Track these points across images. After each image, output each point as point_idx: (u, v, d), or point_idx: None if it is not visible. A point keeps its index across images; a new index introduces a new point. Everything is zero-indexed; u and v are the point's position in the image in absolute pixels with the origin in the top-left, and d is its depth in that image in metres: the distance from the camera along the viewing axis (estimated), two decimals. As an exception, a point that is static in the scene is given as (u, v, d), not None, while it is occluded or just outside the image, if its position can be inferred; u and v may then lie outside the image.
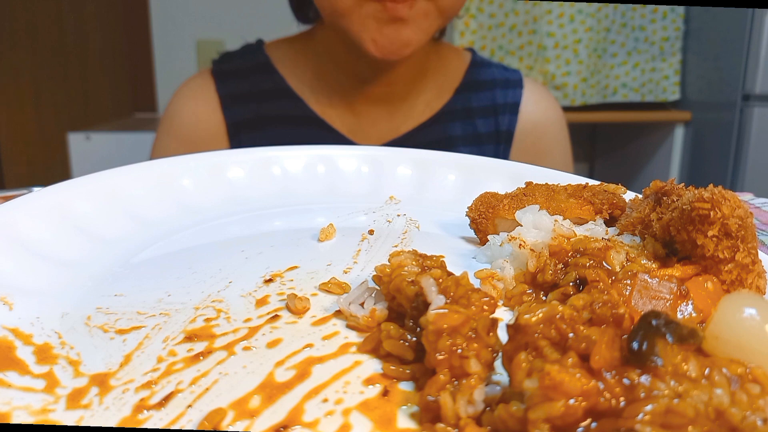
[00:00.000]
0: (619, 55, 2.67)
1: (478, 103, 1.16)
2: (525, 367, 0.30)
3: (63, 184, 0.57)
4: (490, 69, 1.20)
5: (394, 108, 1.12)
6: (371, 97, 1.10)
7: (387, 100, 1.11)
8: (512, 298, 0.47)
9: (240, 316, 0.43)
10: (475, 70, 1.18)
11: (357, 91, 1.09)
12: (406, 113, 1.12)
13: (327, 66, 1.10)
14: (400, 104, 1.12)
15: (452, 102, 1.14)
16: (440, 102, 1.14)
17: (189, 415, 0.33)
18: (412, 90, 1.12)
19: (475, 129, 1.15)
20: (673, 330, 0.31)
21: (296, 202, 0.68)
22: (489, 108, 1.16)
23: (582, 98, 2.65)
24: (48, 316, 0.41)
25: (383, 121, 1.12)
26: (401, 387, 0.36)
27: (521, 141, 1.17)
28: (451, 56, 1.18)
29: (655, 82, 2.68)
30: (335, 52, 1.08)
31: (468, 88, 1.16)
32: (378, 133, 1.11)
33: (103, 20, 2.90)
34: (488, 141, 1.16)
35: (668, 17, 2.61)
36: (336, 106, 1.11)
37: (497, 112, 1.16)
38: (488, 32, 2.61)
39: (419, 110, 1.13)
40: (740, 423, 0.27)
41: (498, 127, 1.16)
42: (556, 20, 2.58)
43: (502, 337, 0.34)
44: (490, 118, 1.16)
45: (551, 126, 1.21)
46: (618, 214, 0.56)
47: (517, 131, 1.17)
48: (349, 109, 1.11)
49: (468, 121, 1.15)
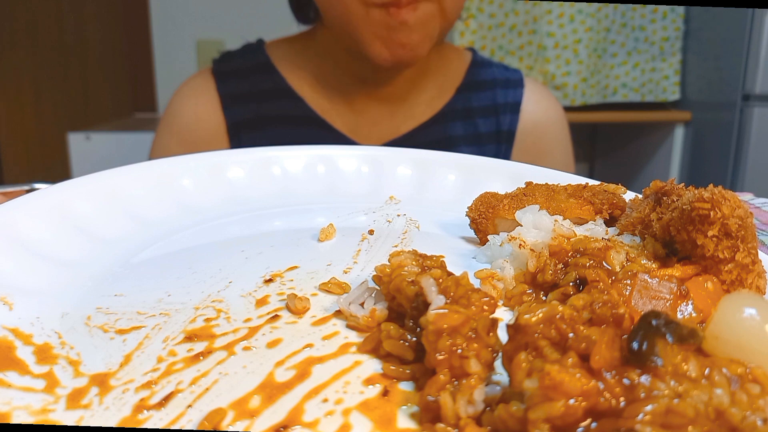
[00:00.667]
0: (619, 55, 2.67)
1: (479, 103, 1.16)
2: (525, 367, 0.30)
3: (63, 184, 0.57)
4: (490, 69, 1.20)
5: (394, 108, 1.12)
6: (372, 97, 1.10)
7: (388, 100, 1.11)
8: (512, 298, 0.47)
9: (240, 316, 0.43)
10: (475, 70, 1.18)
11: (357, 91, 1.09)
12: (406, 113, 1.12)
13: (327, 66, 1.10)
14: (400, 104, 1.12)
15: (453, 102, 1.14)
16: (441, 102, 1.14)
17: (189, 415, 0.33)
18: (413, 90, 1.12)
19: (476, 129, 1.15)
20: (673, 330, 0.31)
21: (296, 202, 0.68)
22: (490, 108, 1.16)
23: (582, 98, 2.65)
24: (48, 316, 0.41)
25: (384, 120, 1.12)
26: (401, 387, 0.36)
27: (522, 141, 1.17)
28: (452, 56, 1.18)
29: (655, 82, 2.68)
30: (335, 53, 1.08)
31: (469, 88, 1.16)
32: (379, 132, 1.11)
33: (103, 20, 2.91)
34: (489, 141, 1.16)
35: (668, 17, 2.61)
36: (336, 106, 1.11)
37: (498, 111, 1.16)
38: (488, 32, 2.61)
39: (420, 110, 1.13)
40: (740, 423, 0.27)
41: (499, 127, 1.16)
42: (556, 20, 2.58)
43: (502, 337, 0.34)
44: (491, 118, 1.16)
45: (552, 125, 1.21)
46: (618, 214, 0.56)
47: (519, 131, 1.17)
48: (349, 109, 1.11)
49: (469, 121, 1.15)
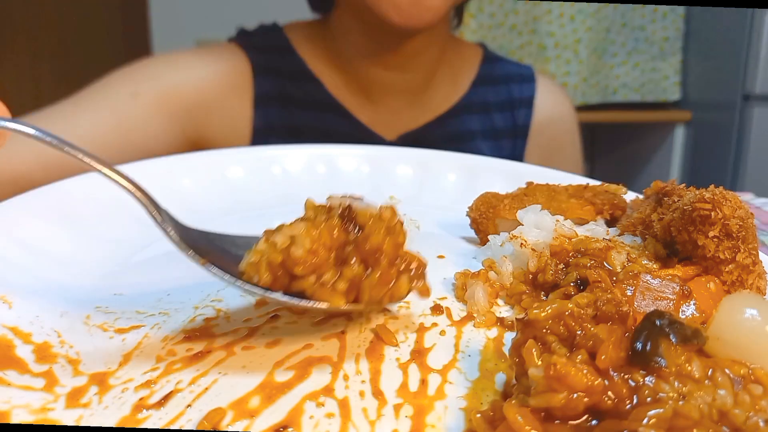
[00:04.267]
0: (619, 55, 2.67)
1: (495, 98, 1.16)
2: (535, 353, 0.30)
3: (62, 183, 0.57)
4: (503, 64, 1.20)
5: (412, 99, 1.11)
6: (390, 88, 1.08)
7: (406, 91, 1.10)
8: (512, 296, 0.47)
9: (239, 316, 0.43)
10: (489, 65, 1.18)
11: (375, 79, 1.08)
12: (424, 104, 1.12)
13: (344, 53, 1.08)
14: (418, 95, 1.11)
15: (469, 95, 1.14)
16: (457, 95, 1.14)
17: (188, 414, 0.33)
18: (430, 80, 1.11)
19: (492, 124, 1.15)
20: (677, 330, 0.30)
21: (296, 202, 0.68)
22: (506, 102, 1.16)
23: (582, 98, 2.65)
24: (47, 315, 0.41)
25: (403, 111, 1.10)
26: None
27: (537, 136, 1.18)
28: (465, 49, 1.18)
29: (656, 82, 2.68)
30: (352, 38, 1.05)
31: (484, 82, 1.16)
32: (397, 123, 1.10)
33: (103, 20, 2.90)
34: (506, 136, 1.16)
35: (668, 17, 2.61)
36: (354, 94, 1.09)
37: (514, 106, 1.17)
38: (488, 32, 2.61)
39: (437, 102, 1.13)
40: (743, 424, 0.27)
41: (515, 122, 1.16)
42: (556, 20, 2.58)
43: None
44: (507, 113, 1.16)
45: (565, 120, 1.22)
46: (619, 214, 0.56)
47: (533, 125, 1.17)
48: (367, 99, 1.09)
49: (486, 116, 1.15)
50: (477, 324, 0.43)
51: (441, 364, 0.38)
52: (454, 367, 0.38)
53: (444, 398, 0.35)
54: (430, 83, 1.11)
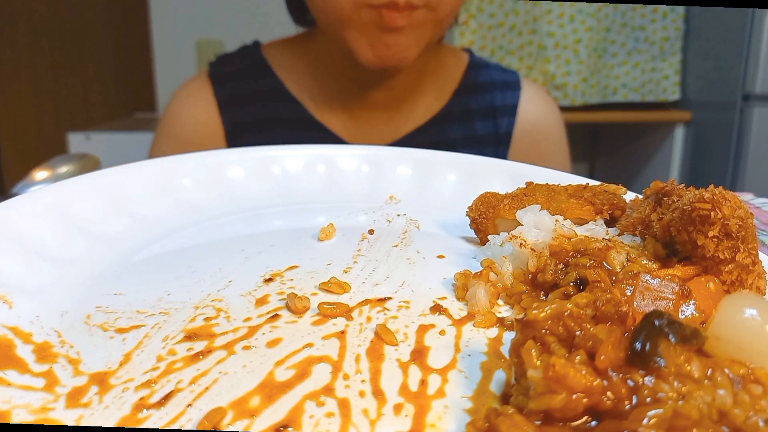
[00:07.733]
0: (619, 55, 2.67)
1: (477, 105, 1.15)
2: (534, 354, 0.30)
3: (63, 183, 0.57)
4: (488, 70, 1.20)
5: (393, 111, 1.11)
6: (369, 102, 1.09)
7: (386, 105, 1.10)
8: (512, 296, 0.47)
9: (240, 316, 0.43)
10: (473, 72, 1.17)
11: (356, 95, 1.09)
12: (405, 116, 1.12)
13: (325, 70, 1.10)
14: (399, 108, 1.11)
15: (451, 104, 1.14)
16: (439, 104, 1.14)
17: (189, 414, 0.33)
18: (411, 93, 1.11)
19: (474, 131, 1.15)
20: (676, 330, 0.30)
21: (296, 202, 0.68)
22: (488, 110, 1.16)
23: (582, 98, 2.65)
24: (47, 315, 0.41)
25: (382, 124, 1.11)
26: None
27: (519, 143, 1.17)
28: (450, 58, 1.18)
29: (655, 82, 2.68)
30: (332, 56, 1.07)
31: (466, 90, 1.16)
32: (377, 136, 1.10)
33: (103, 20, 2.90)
34: (487, 143, 1.15)
35: (668, 17, 2.61)
36: (334, 110, 1.10)
37: (496, 114, 1.16)
38: (488, 32, 2.61)
39: (419, 113, 1.13)
40: (743, 424, 0.27)
41: (497, 129, 1.16)
42: (556, 20, 2.58)
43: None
44: (489, 120, 1.15)
45: (549, 128, 1.20)
46: (618, 214, 0.56)
47: (515, 133, 1.17)
48: (347, 113, 1.10)
49: (467, 124, 1.14)
50: (477, 324, 0.43)
51: (441, 364, 0.38)
52: (454, 367, 0.38)
53: (444, 398, 0.35)
54: (411, 95, 1.11)
